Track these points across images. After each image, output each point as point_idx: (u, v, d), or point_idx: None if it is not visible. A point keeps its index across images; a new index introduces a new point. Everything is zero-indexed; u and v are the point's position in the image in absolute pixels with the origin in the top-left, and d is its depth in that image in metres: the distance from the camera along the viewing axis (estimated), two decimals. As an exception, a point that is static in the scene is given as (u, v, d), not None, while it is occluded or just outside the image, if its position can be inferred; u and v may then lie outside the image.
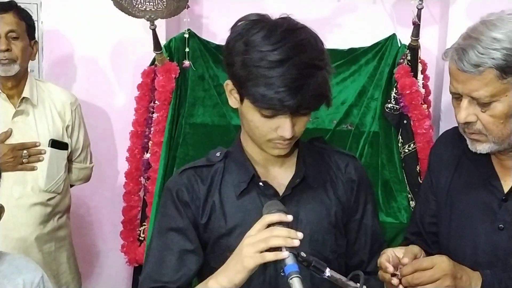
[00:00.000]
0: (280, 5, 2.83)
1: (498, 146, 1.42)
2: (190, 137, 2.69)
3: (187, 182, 1.45)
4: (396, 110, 2.58)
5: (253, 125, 1.36)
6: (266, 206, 1.29)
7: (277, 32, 1.31)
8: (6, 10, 2.31)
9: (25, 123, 2.35)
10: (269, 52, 1.28)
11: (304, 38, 1.32)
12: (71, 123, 2.44)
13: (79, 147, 2.51)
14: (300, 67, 1.28)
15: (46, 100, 2.41)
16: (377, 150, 2.62)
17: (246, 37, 1.32)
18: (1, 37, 2.27)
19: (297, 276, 1.16)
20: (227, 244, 1.40)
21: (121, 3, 2.49)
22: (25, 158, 2.30)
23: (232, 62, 1.34)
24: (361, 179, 1.53)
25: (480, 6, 2.59)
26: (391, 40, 2.63)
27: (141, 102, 2.68)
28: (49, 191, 2.36)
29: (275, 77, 1.27)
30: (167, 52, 2.64)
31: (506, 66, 1.31)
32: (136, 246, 2.73)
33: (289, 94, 1.27)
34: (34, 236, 2.33)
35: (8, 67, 2.28)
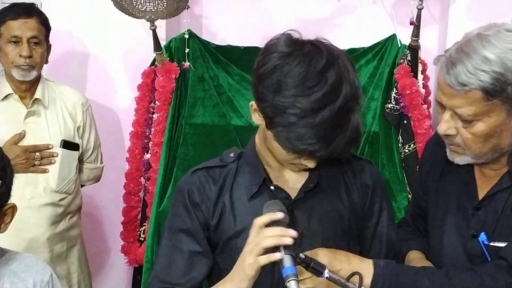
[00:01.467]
0: (280, 5, 2.84)
1: (476, 160, 1.42)
2: (190, 137, 2.69)
3: (198, 183, 1.44)
4: (396, 110, 2.58)
5: (277, 152, 1.34)
6: (266, 205, 1.28)
7: (310, 74, 1.23)
8: (29, 15, 2.29)
9: (37, 124, 2.34)
10: (301, 99, 1.21)
11: (340, 76, 1.24)
12: (82, 124, 2.44)
13: (90, 148, 2.51)
14: (333, 116, 1.22)
15: (58, 101, 2.41)
16: (377, 150, 2.62)
17: (278, 75, 1.25)
18: (24, 43, 2.25)
19: (294, 279, 1.15)
20: (236, 246, 1.40)
21: (121, 4, 2.49)
22: (37, 160, 2.29)
23: (261, 93, 1.28)
24: (376, 184, 1.50)
25: (480, 6, 2.60)
26: (391, 40, 2.63)
27: (141, 102, 2.68)
28: (60, 191, 2.35)
29: (307, 128, 1.22)
30: (167, 52, 2.64)
31: (493, 90, 1.28)
32: (136, 246, 2.73)
33: (321, 146, 1.24)
34: (46, 236, 2.33)
35: (27, 72, 2.27)
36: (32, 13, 2.29)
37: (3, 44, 2.28)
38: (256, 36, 2.76)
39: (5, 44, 2.27)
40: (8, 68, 2.29)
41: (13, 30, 2.25)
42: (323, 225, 1.42)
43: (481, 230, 1.44)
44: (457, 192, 1.52)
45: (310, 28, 1.40)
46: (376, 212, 1.50)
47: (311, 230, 1.41)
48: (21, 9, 2.29)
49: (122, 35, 2.80)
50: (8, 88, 2.32)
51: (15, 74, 2.27)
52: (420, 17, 2.49)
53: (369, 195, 1.48)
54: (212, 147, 2.68)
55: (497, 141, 1.37)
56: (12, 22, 2.26)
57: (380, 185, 1.52)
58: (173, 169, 2.66)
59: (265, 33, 2.80)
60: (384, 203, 1.51)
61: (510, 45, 1.29)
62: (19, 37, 2.25)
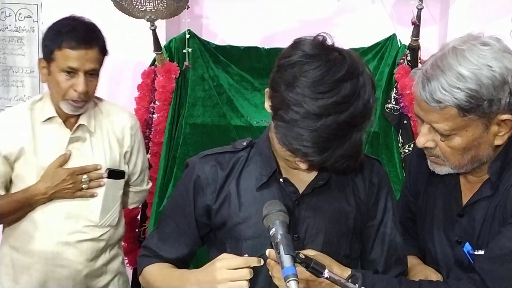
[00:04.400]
0: (280, 5, 2.84)
1: (456, 171, 1.43)
2: (190, 138, 2.69)
3: (207, 169, 1.47)
4: (396, 110, 2.58)
5: (277, 147, 1.36)
6: (266, 206, 1.29)
7: (326, 80, 1.23)
8: (91, 44, 1.98)
9: (81, 150, 2.08)
10: (309, 100, 1.22)
11: (354, 91, 1.24)
12: (130, 149, 2.18)
13: (137, 171, 2.25)
14: (335, 126, 1.22)
15: (104, 124, 2.13)
16: (377, 150, 2.62)
17: (297, 70, 1.25)
18: (80, 76, 1.95)
19: (294, 279, 1.14)
20: (240, 233, 1.43)
21: (121, 4, 2.49)
22: (85, 183, 2.04)
23: (275, 83, 1.29)
24: (382, 183, 1.50)
25: (480, 6, 2.60)
26: (391, 40, 2.63)
27: (141, 102, 2.68)
28: (103, 225, 2.11)
29: (306, 130, 1.22)
30: (167, 52, 2.64)
31: (468, 107, 1.28)
32: (136, 247, 2.73)
33: (315, 151, 1.24)
34: (84, 273, 2.10)
35: (79, 109, 2.02)
36: (93, 41, 1.99)
37: (55, 71, 1.97)
38: (256, 36, 2.77)
39: (58, 72, 1.96)
40: (58, 98, 2.00)
41: (71, 61, 1.94)
42: (327, 223, 1.42)
43: (464, 237, 1.45)
44: (443, 198, 1.53)
45: (310, 28, 1.39)
46: (380, 212, 1.49)
47: (315, 226, 1.42)
48: (81, 36, 1.97)
49: (122, 35, 2.80)
50: (51, 111, 2.04)
51: (65, 108, 2.00)
52: (420, 17, 2.49)
53: (374, 193, 1.48)
54: (212, 147, 2.65)
55: (476, 153, 1.38)
56: (70, 51, 1.94)
57: (386, 185, 1.52)
58: (173, 169, 2.66)
59: (265, 33, 2.82)
60: (389, 204, 1.50)
61: (485, 60, 1.29)
62: (77, 69, 1.95)
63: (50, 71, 2.00)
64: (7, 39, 2.95)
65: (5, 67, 2.96)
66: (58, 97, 2.00)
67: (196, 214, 1.48)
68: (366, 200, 1.47)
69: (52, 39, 1.99)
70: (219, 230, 1.48)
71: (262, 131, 2.64)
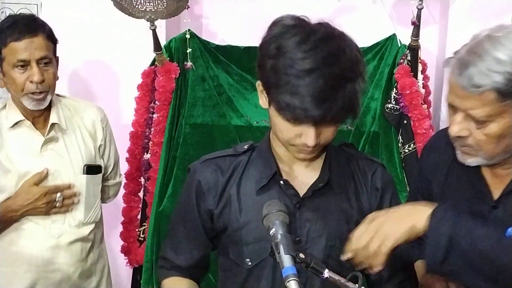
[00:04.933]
0: (280, 5, 2.84)
1: (487, 161, 1.42)
2: (190, 137, 2.69)
3: (207, 174, 1.47)
4: (396, 110, 2.58)
5: (278, 129, 1.35)
6: (266, 206, 1.29)
7: (310, 39, 1.27)
8: (35, 32, 1.95)
9: (56, 150, 2.05)
10: (299, 60, 1.25)
11: (338, 48, 1.28)
12: (103, 142, 2.19)
13: (111, 164, 2.26)
14: (328, 78, 1.24)
15: (75, 121, 2.13)
16: (377, 150, 2.62)
17: (280, 41, 1.30)
18: (33, 66, 1.93)
19: (294, 279, 1.14)
20: (241, 238, 1.43)
21: (121, 4, 2.49)
22: (59, 202, 2.02)
23: (262, 64, 1.33)
24: (386, 188, 1.49)
25: (480, 6, 2.60)
26: (391, 40, 2.63)
27: (141, 102, 2.68)
28: (88, 222, 2.12)
29: (302, 86, 1.24)
30: (167, 52, 2.64)
31: (507, 90, 1.28)
32: (136, 246, 2.73)
33: (314, 104, 1.25)
34: (77, 274, 2.11)
35: (42, 101, 1.98)
36: (37, 29, 1.96)
37: (8, 70, 1.95)
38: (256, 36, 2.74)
39: (10, 69, 1.95)
40: (18, 96, 1.97)
41: (18, 53, 1.92)
42: (329, 225, 1.42)
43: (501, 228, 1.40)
44: (465, 194, 1.51)
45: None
46: None
47: (316, 229, 1.41)
48: (23, 26, 1.95)
49: (122, 35, 2.80)
50: (17, 115, 2.02)
51: (27, 104, 1.97)
52: (420, 17, 2.49)
53: (378, 198, 1.48)
54: (212, 147, 2.68)
55: (509, 142, 1.36)
56: (16, 44, 1.93)
57: (391, 189, 1.51)
58: (173, 169, 2.66)
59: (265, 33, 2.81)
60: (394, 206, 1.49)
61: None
62: (27, 60, 1.93)
63: (4, 72, 1.98)
64: (7, 39, 2.94)
65: (5, 67, 2.96)
66: (18, 95, 1.97)
67: (201, 219, 1.49)
68: (368, 205, 1.47)
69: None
70: (221, 234, 1.48)
71: (262, 131, 2.69)
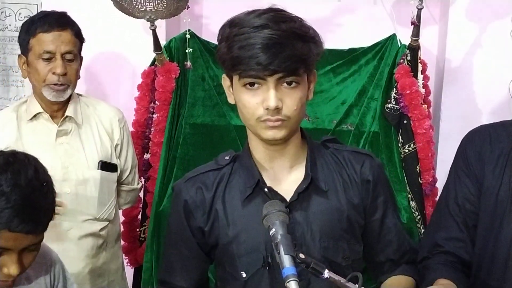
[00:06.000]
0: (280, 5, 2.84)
1: None
2: (190, 137, 2.69)
3: (192, 193, 1.46)
4: (396, 110, 2.58)
5: (242, 105, 1.36)
6: (266, 206, 1.28)
7: (257, 12, 1.34)
8: (64, 27, 2.04)
9: (71, 144, 2.11)
10: (248, 21, 1.32)
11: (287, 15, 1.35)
12: (120, 142, 2.22)
13: (128, 167, 2.29)
14: (278, 32, 1.29)
15: (92, 118, 2.18)
16: (377, 150, 2.62)
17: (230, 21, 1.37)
18: (57, 59, 2.02)
19: (294, 280, 1.14)
20: (233, 251, 1.42)
21: (121, 4, 2.49)
22: None
23: (219, 50, 1.37)
24: (378, 178, 1.48)
25: (480, 6, 2.60)
26: (391, 40, 2.63)
27: (141, 102, 2.68)
28: (101, 219, 2.14)
29: (253, 38, 1.29)
30: (167, 52, 2.64)
31: None
32: (136, 246, 2.73)
33: (262, 51, 1.27)
34: (87, 270, 2.12)
35: (61, 93, 2.04)
36: (66, 24, 2.06)
37: (33, 60, 2.04)
38: (256, 36, 2.76)
39: (36, 59, 2.03)
40: (39, 86, 2.05)
41: (46, 44, 2.01)
42: (320, 226, 1.41)
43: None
44: None
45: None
46: (381, 205, 1.48)
47: (310, 231, 1.41)
48: (54, 20, 2.04)
49: (122, 35, 2.80)
50: (37, 107, 2.09)
51: (47, 94, 2.04)
52: (420, 17, 2.48)
53: (370, 190, 1.47)
54: (212, 147, 2.68)
55: None
56: (45, 35, 2.01)
57: (382, 178, 1.50)
58: (173, 169, 2.66)
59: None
60: (388, 195, 1.50)
61: None
62: (53, 52, 2.01)
63: (29, 63, 2.05)
64: (7, 39, 2.95)
65: (5, 67, 2.96)
66: (39, 85, 2.04)
67: (194, 236, 1.48)
68: (360, 198, 1.46)
69: (26, 30, 2.05)
70: (214, 249, 1.48)
71: (262, 131, 2.68)
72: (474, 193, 1.55)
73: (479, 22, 2.61)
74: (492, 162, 1.53)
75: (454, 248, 1.55)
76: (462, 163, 1.59)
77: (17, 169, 1.29)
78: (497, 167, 1.52)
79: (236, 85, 1.35)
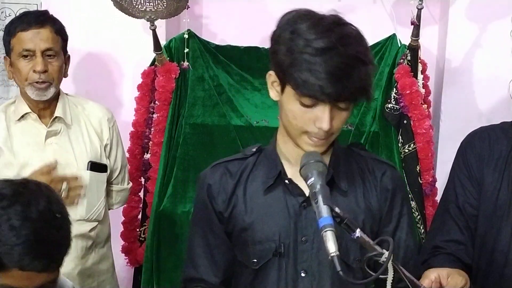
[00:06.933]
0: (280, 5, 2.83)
1: None
2: (190, 137, 2.69)
3: (216, 177, 1.48)
4: (396, 110, 2.58)
5: (292, 116, 1.35)
6: (304, 156, 1.29)
7: (323, 23, 1.31)
8: (42, 24, 2.02)
9: (60, 144, 2.09)
10: (314, 40, 1.28)
11: (350, 33, 1.32)
12: (109, 142, 2.21)
13: (118, 167, 2.27)
14: (344, 57, 1.27)
15: (81, 117, 2.17)
16: (377, 150, 2.62)
17: (293, 26, 1.32)
18: (37, 56, 2.00)
19: (331, 230, 1.13)
20: (247, 239, 1.44)
21: (121, 4, 2.49)
22: (65, 191, 1.97)
23: (276, 50, 1.33)
24: (397, 189, 1.48)
25: (480, 6, 2.60)
26: (391, 40, 2.63)
27: (141, 102, 2.68)
28: (90, 219, 2.12)
29: (318, 64, 1.26)
30: (167, 52, 2.64)
31: None
32: (136, 246, 2.73)
33: (330, 82, 1.26)
34: (76, 271, 2.10)
35: (43, 91, 2.02)
36: (45, 22, 2.04)
37: (15, 59, 2.03)
38: (256, 36, 2.76)
39: (17, 59, 2.02)
40: (23, 85, 2.04)
41: (25, 42, 2.00)
42: None
43: None
44: None
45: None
46: (395, 217, 1.48)
47: None
48: (32, 18, 2.04)
49: (122, 35, 2.80)
50: (24, 107, 2.08)
51: (30, 93, 2.03)
52: (420, 17, 2.48)
53: (388, 199, 1.47)
54: (212, 147, 2.68)
55: None
56: (23, 33, 2.01)
57: (401, 190, 1.50)
58: (173, 169, 2.66)
59: (265, 33, 2.80)
60: (404, 208, 1.49)
61: None
62: (32, 50, 2.00)
63: (12, 63, 2.05)
64: (7, 39, 2.94)
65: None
66: (23, 85, 2.03)
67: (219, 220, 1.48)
68: (378, 205, 1.46)
69: (8, 31, 2.06)
70: (229, 237, 1.49)
71: (262, 131, 2.69)
72: (475, 196, 1.56)
73: (479, 22, 2.61)
74: (491, 165, 1.53)
75: (455, 250, 1.56)
76: (462, 165, 1.60)
77: (27, 200, 1.18)
78: (496, 170, 1.52)
79: (289, 94, 1.33)
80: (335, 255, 1.11)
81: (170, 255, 2.64)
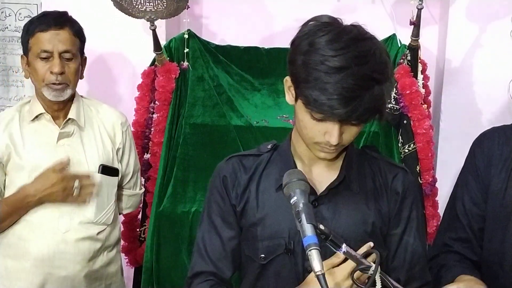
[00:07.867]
0: (280, 5, 2.84)
1: None
2: (190, 137, 2.69)
3: (231, 170, 1.50)
4: (396, 110, 2.58)
5: (303, 125, 1.36)
6: (287, 174, 1.29)
7: (342, 38, 1.29)
8: (61, 25, 2.03)
9: (72, 146, 2.09)
10: (330, 57, 1.26)
11: (368, 50, 1.30)
12: (122, 146, 2.20)
13: (130, 172, 2.26)
14: (357, 77, 1.25)
15: (95, 120, 2.17)
16: (377, 150, 2.62)
17: (312, 38, 1.31)
18: (55, 58, 2.00)
19: (316, 248, 1.14)
20: (256, 234, 1.44)
21: (121, 4, 2.49)
22: (77, 189, 2.02)
23: (294, 59, 1.33)
24: (407, 193, 1.48)
25: (480, 6, 2.60)
26: (391, 40, 2.63)
27: (141, 102, 2.68)
28: (99, 223, 2.11)
29: (331, 83, 1.25)
30: (167, 52, 2.64)
31: None
32: (136, 246, 2.73)
33: (340, 102, 1.25)
34: (83, 274, 2.09)
35: (60, 92, 2.02)
36: (64, 23, 2.04)
37: (32, 60, 2.03)
38: (256, 36, 2.76)
39: (34, 59, 2.02)
40: (39, 86, 2.04)
41: (43, 43, 2.00)
42: (344, 225, 1.42)
43: None
44: None
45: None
46: (404, 220, 1.47)
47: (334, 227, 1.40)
48: (51, 18, 2.03)
49: (122, 35, 2.80)
50: (39, 108, 2.07)
51: (47, 94, 2.02)
52: (420, 17, 2.49)
53: (398, 202, 1.47)
54: (212, 147, 2.68)
55: None
56: (42, 34, 2.00)
57: (412, 194, 1.50)
58: (173, 169, 2.66)
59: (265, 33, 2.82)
60: (414, 212, 1.48)
61: None
62: (50, 51, 2.00)
63: (29, 63, 2.05)
64: (7, 39, 2.95)
65: (5, 67, 2.96)
66: (39, 85, 2.03)
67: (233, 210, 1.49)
68: (387, 208, 1.46)
69: (26, 30, 2.05)
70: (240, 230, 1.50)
71: (262, 131, 2.69)
72: (480, 197, 1.57)
73: (479, 22, 2.61)
74: (498, 165, 1.54)
75: (462, 248, 1.58)
76: (470, 166, 1.61)
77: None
78: (503, 170, 1.53)
79: (301, 104, 1.33)
80: (320, 274, 1.11)
81: (170, 255, 2.64)
